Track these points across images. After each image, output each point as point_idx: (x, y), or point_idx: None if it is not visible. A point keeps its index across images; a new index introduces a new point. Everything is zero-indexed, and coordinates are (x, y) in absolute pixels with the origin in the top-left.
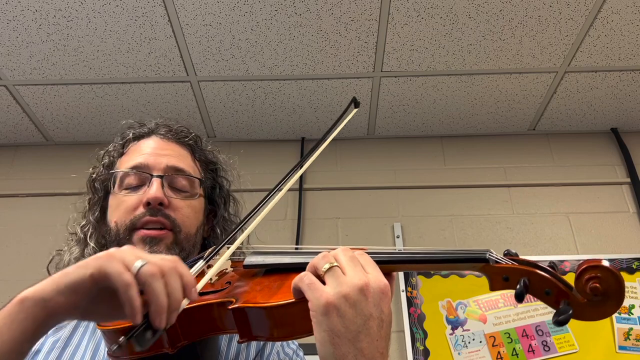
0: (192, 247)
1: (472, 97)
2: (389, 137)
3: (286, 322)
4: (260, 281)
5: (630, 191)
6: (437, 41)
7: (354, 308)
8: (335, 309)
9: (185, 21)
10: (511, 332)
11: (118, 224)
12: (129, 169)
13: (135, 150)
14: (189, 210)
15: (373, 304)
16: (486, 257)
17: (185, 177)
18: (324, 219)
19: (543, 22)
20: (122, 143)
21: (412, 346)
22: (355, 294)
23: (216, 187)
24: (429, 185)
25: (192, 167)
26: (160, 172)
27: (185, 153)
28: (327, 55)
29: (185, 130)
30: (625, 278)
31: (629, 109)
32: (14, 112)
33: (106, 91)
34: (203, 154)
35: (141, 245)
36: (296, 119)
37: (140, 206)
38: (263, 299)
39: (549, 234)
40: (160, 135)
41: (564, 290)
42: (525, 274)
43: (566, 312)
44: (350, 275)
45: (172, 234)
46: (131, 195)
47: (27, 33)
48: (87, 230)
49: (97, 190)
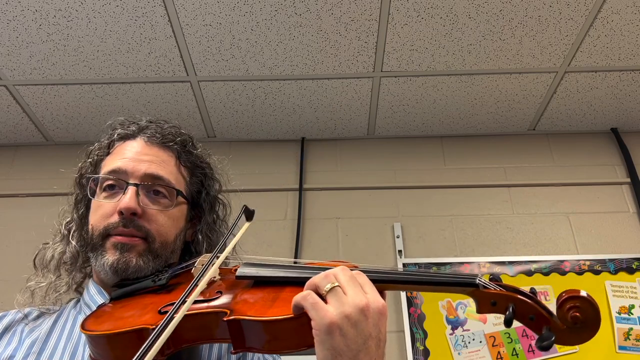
0: (171, 254)
1: (472, 97)
2: (389, 137)
3: (282, 336)
4: (253, 293)
5: (630, 191)
6: (437, 41)
7: (355, 328)
8: (338, 329)
9: (185, 21)
10: (511, 332)
11: (93, 227)
12: (107, 173)
13: (118, 152)
14: (165, 219)
15: (372, 324)
16: (476, 282)
17: (163, 186)
18: (324, 219)
19: (543, 22)
20: (108, 143)
21: (412, 346)
22: (357, 314)
23: (202, 191)
24: (429, 185)
25: (174, 174)
26: (137, 179)
27: (168, 158)
28: (327, 55)
29: (173, 133)
30: (625, 278)
31: (629, 109)
32: (14, 112)
33: (106, 91)
34: (190, 157)
35: (112, 250)
36: (296, 119)
37: (115, 214)
38: (259, 312)
39: (549, 234)
40: (145, 138)
41: (546, 317)
42: (511, 300)
43: (549, 338)
44: (351, 295)
45: (144, 242)
46: (108, 201)
47: (27, 33)
48: (71, 227)
49: (83, 187)
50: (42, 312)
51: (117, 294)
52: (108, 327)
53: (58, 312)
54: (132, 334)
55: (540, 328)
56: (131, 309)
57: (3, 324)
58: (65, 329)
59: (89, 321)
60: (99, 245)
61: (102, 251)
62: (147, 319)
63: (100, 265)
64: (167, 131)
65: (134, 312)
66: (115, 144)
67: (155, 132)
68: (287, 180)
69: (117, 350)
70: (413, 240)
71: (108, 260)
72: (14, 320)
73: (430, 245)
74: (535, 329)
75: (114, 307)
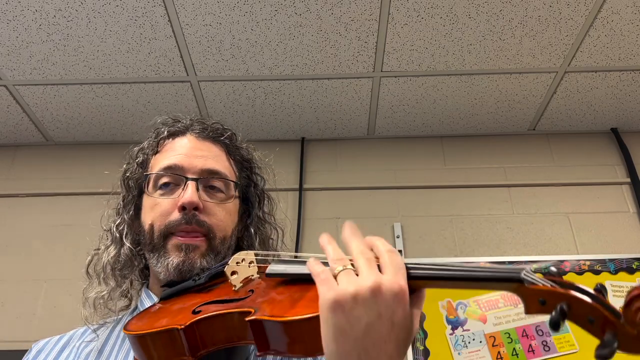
0: (227, 250)
1: (472, 97)
2: (389, 137)
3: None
4: (282, 291)
5: (630, 191)
6: (437, 41)
7: (363, 306)
8: (340, 306)
9: (185, 21)
10: (511, 332)
11: (154, 227)
12: (162, 170)
13: (169, 149)
14: (224, 213)
15: (384, 305)
16: (521, 277)
17: (220, 179)
18: (324, 219)
19: (543, 22)
20: (157, 141)
21: (412, 346)
22: (365, 294)
23: (250, 185)
24: (429, 185)
25: (228, 168)
26: (195, 174)
27: (220, 152)
28: (327, 55)
29: (220, 128)
30: (625, 278)
31: (629, 109)
32: (14, 112)
33: (106, 91)
34: (238, 152)
35: (176, 251)
36: (296, 119)
37: (175, 210)
38: (280, 312)
39: (549, 234)
40: (195, 134)
41: (611, 320)
42: (565, 299)
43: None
44: (364, 275)
45: (206, 240)
46: (165, 197)
47: (27, 33)
48: (123, 229)
49: (131, 188)
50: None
51: (166, 294)
52: (144, 327)
53: (116, 321)
54: (164, 334)
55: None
56: (173, 308)
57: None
58: (120, 336)
59: (132, 322)
60: (160, 245)
61: (164, 252)
62: (179, 319)
63: (164, 266)
64: (214, 126)
65: (173, 313)
66: (164, 142)
67: (205, 128)
68: (287, 180)
69: (150, 350)
70: (413, 240)
71: (173, 262)
72: (73, 337)
73: (430, 245)
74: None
75: (159, 308)
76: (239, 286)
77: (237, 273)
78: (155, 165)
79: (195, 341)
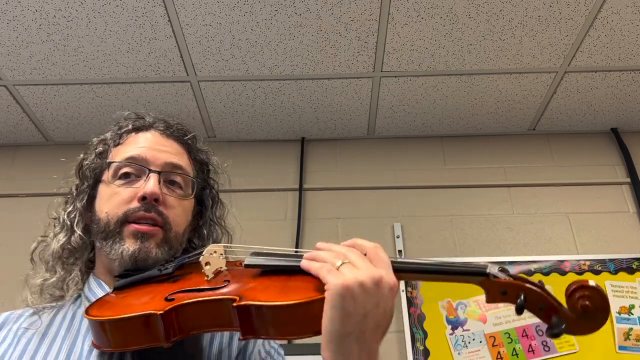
0: (179, 246)
1: (472, 97)
2: (389, 137)
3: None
4: (261, 281)
5: (630, 191)
6: (437, 41)
7: (367, 294)
8: (350, 292)
9: (185, 21)
10: (511, 332)
11: (109, 215)
12: (125, 160)
13: (132, 142)
14: (180, 209)
15: (383, 294)
16: (486, 272)
17: (181, 175)
18: (324, 219)
19: (543, 22)
20: (120, 133)
21: (412, 346)
22: (370, 283)
23: (206, 188)
24: (429, 185)
25: (189, 166)
26: (158, 167)
27: (182, 151)
28: (327, 55)
29: (183, 128)
30: (625, 278)
31: (629, 109)
32: (14, 112)
33: (106, 91)
34: (198, 153)
35: (131, 239)
36: (296, 119)
37: (135, 200)
38: (270, 298)
39: (549, 234)
40: (160, 130)
41: (555, 306)
42: (522, 289)
43: (560, 325)
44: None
45: (162, 231)
46: (126, 187)
47: (27, 33)
48: (74, 217)
49: (87, 177)
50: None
51: (121, 284)
52: (114, 312)
53: (57, 309)
54: (139, 319)
55: (549, 317)
56: (136, 297)
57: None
58: (64, 323)
59: (93, 308)
60: (116, 232)
61: (119, 239)
62: (154, 305)
63: (118, 254)
64: (178, 126)
65: (140, 300)
66: (127, 135)
67: (169, 126)
68: (287, 180)
69: (121, 336)
70: (413, 240)
71: (128, 249)
72: (7, 319)
73: (430, 245)
74: (544, 318)
75: (118, 297)
76: (211, 276)
77: (209, 264)
78: (116, 155)
79: (172, 327)
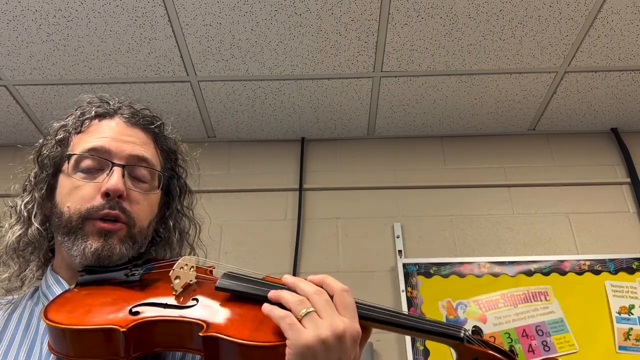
0: (144, 240)
1: (472, 97)
2: (389, 137)
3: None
4: (232, 308)
5: (630, 191)
6: (437, 41)
7: (329, 350)
8: (311, 351)
9: (185, 21)
10: (511, 332)
11: (71, 210)
12: (87, 151)
13: (95, 131)
14: (146, 203)
15: (344, 349)
16: (461, 335)
17: (147, 168)
18: (324, 219)
19: (543, 22)
20: (82, 120)
21: (412, 346)
22: (332, 339)
23: (174, 177)
24: (429, 185)
25: (155, 157)
26: (122, 160)
27: (148, 140)
28: (327, 55)
29: (150, 115)
30: (625, 278)
31: (629, 109)
32: (14, 112)
33: (106, 91)
34: (165, 142)
35: (95, 236)
36: (296, 119)
37: (98, 195)
38: (238, 333)
39: (549, 234)
40: (125, 118)
41: None
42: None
43: None
44: (328, 319)
45: (126, 227)
46: (87, 181)
47: (27, 33)
48: (32, 208)
49: (46, 166)
50: None
51: (85, 280)
52: (74, 320)
53: (13, 305)
54: (101, 332)
55: None
56: (99, 298)
57: None
58: (21, 322)
59: (52, 309)
60: (78, 228)
61: (82, 235)
62: (118, 320)
63: (80, 250)
64: (144, 112)
65: (103, 307)
66: (90, 122)
67: (135, 113)
68: (287, 180)
69: (80, 346)
70: (413, 240)
71: (91, 246)
72: None
73: (430, 245)
74: None
75: (80, 295)
76: (179, 291)
77: (179, 278)
78: (77, 145)
79: (133, 343)
